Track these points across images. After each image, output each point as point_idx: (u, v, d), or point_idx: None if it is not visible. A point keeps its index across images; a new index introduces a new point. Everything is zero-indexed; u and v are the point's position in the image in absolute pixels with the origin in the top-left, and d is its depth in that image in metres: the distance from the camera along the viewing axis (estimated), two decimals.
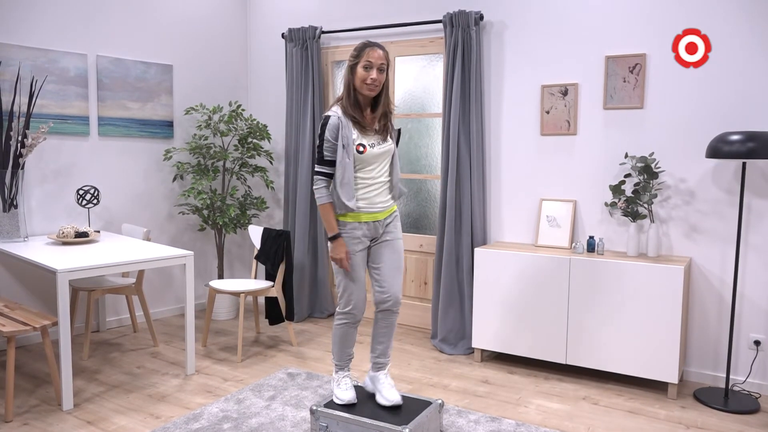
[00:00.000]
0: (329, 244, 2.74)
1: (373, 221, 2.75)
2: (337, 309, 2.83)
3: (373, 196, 2.73)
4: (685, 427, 3.04)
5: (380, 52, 2.66)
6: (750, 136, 3.08)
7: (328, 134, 2.64)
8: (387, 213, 2.79)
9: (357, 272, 2.75)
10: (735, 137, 3.12)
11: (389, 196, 2.81)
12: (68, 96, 4.18)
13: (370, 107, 2.74)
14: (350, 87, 2.68)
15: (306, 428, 2.92)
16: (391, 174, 2.81)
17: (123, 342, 4.25)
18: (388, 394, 2.79)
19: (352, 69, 2.67)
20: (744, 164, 3.25)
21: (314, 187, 2.70)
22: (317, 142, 2.72)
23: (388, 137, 2.77)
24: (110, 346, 4.16)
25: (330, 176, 2.68)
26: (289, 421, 3.00)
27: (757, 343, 3.45)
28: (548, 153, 4.00)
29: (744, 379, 3.50)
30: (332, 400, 2.83)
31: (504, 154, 4.15)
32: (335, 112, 2.67)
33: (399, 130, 2.89)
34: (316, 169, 2.69)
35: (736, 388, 3.50)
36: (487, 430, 2.93)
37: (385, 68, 2.67)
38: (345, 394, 2.78)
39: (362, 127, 2.68)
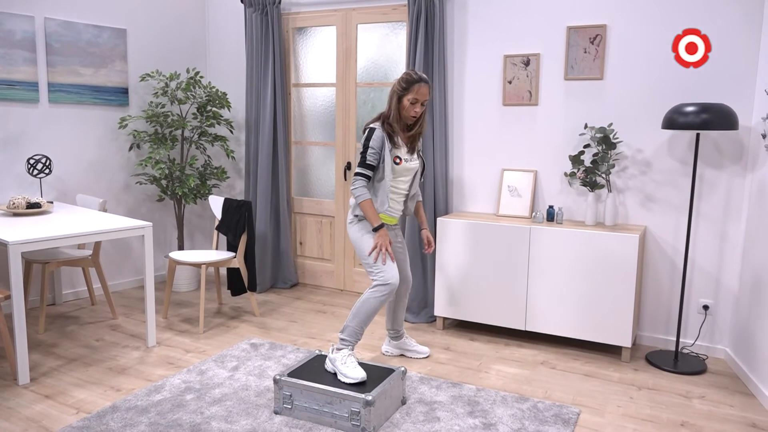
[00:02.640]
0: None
1: (389, 224, 3.20)
2: (377, 284, 3.01)
3: (395, 204, 3.16)
4: (637, 388, 3.17)
5: (426, 88, 3.00)
6: (704, 108, 3.16)
7: (373, 143, 2.99)
8: (396, 220, 3.24)
9: (394, 253, 3.17)
10: (690, 108, 3.19)
11: (403, 207, 3.23)
12: (15, 60, 3.99)
13: (407, 127, 3.11)
14: (398, 112, 3.02)
15: (270, 398, 2.94)
16: (410, 188, 3.21)
17: (80, 315, 4.16)
18: (421, 349, 3.50)
19: (399, 98, 3.00)
20: (698, 135, 3.33)
21: (354, 186, 3.00)
22: (361, 149, 3.02)
23: (416, 155, 3.16)
24: (67, 319, 4.07)
25: (369, 178, 3.02)
26: (252, 391, 3.01)
27: (705, 307, 3.59)
28: (510, 123, 4.02)
29: (693, 342, 3.66)
30: (296, 368, 2.84)
31: (466, 124, 4.16)
32: (378, 127, 3.01)
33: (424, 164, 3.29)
34: (358, 171, 3.00)
35: (685, 351, 3.65)
36: (449, 396, 2.99)
37: (427, 103, 3.04)
38: (356, 372, 2.77)
39: (397, 143, 3.04)
